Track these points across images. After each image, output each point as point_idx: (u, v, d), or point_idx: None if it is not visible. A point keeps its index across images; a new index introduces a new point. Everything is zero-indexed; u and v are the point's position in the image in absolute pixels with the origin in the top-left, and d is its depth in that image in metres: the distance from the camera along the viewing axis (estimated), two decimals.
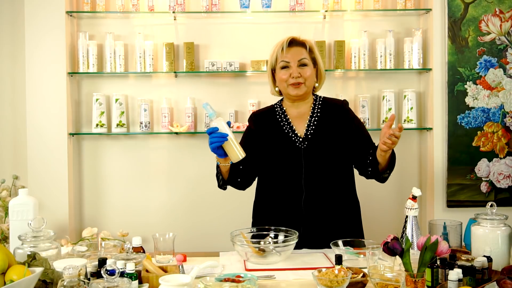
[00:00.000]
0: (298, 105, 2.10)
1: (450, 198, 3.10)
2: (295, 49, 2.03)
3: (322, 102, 2.12)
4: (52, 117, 3.02)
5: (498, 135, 3.09)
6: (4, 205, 2.72)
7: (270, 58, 2.08)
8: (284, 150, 2.02)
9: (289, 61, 2.01)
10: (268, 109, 2.17)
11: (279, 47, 2.04)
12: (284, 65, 2.02)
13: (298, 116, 2.09)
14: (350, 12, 3.14)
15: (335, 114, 2.08)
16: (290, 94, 2.04)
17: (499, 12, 3.06)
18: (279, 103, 2.16)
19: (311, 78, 2.05)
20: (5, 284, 1.33)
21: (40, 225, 1.62)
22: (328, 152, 2.01)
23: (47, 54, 3.01)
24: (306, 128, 2.05)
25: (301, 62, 2.01)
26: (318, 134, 2.03)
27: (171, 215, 3.19)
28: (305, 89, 2.03)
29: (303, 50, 2.04)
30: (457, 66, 3.06)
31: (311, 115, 2.08)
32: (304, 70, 2.01)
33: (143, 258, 1.54)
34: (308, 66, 2.03)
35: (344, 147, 2.04)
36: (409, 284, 1.41)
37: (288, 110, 2.11)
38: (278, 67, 2.04)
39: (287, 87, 2.03)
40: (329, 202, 2.01)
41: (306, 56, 2.03)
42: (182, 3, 3.05)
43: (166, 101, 3.10)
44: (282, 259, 1.75)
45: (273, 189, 2.05)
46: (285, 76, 2.01)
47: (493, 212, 1.69)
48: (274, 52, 2.05)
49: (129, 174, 3.20)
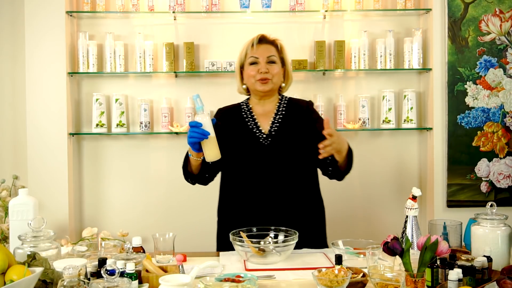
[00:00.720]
0: (264, 102, 2.13)
1: (450, 198, 3.10)
2: (265, 46, 2.07)
3: (288, 101, 2.16)
4: (52, 117, 3.02)
5: (498, 135, 3.09)
6: (4, 205, 2.73)
7: (240, 55, 2.11)
8: (248, 146, 2.04)
9: (258, 57, 2.05)
10: (234, 106, 2.19)
11: (249, 44, 2.08)
12: (253, 61, 2.05)
13: (263, 113, 2.12)
14: (350, 12, 3.14)
15: (300, 113, 2.12)
16: (257, 89, 2.06)
17: (499, 12, 3.06)
18: (246, 101, 2.19)
19: (278, 76, 2.08)
20: (5, 284, 1.33)
21: (40, 225, 1.62)
22: (291, 149, 2.03)
23: (47, 54, 3.01)
24: (271, 125, 2.08)
25: (269, 59, 2.05)
26: (282, 131, 2.06)
27: (171, 215, 3.19)
28: (272, 85, 2.06)
29: (272, 48, 2.09)
30: (457, 66, 3.06)
31: (275, 112, 2.11)
32: (272, 67, 2.05)
33: (143, 258, 1.53)
34: (276, 64, 2.07)
35: (306, 146, 2.05)
36: (409, 284, 1.41)
37: (254, 107, 2.14)
38: (246, 63, 2.07)
39: (254, 82, 2.05)
40: (292, 199, 2.02)
41: (275, 54, 2.08)
42: (182, 3, 3.05)
43: (166, 101, 3.10)
44: (282, 259, 1.74)
45: (237, 185, 2.05)
46: (253, 72, 2.05)
47: (493, 212, 1.69)
48: (244, 48, 2.09)
49: (129, 174, 3.20)
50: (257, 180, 2.01)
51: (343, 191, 3.23)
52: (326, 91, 3.20)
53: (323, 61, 3.09)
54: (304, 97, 3.14)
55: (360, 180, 3.25)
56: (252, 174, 2.01)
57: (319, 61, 3.09)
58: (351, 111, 3.19)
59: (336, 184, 3.34)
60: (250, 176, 2.02)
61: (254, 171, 2.01)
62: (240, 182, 2.05)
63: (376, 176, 3.24)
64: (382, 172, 3.24)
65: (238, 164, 2.04)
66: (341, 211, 3.23)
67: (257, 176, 2.01)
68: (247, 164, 2.02)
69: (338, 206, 3.23)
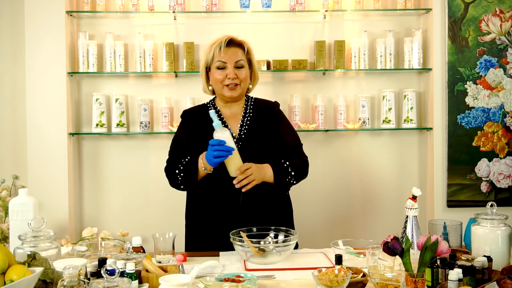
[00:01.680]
0: (231, 105, 2.12)
1: (450, 198, 3.10)
2: (233, 50, 2.04)
3: (254, 102, 2.15)
4: (52, 117, 3.02)
5: (498, 135, 3.09)
6: (4, 205, 2.73)
7: (206, 57, 2.07)
8: None
9: (226, 62, 2.02)
10: (200, 107, 2.17)
11: (216, 46, 2.03)
12: (220, 65, 2.03)
13: (231, 116, 2.11)
14: (350, 12, 3.14)
15: (266, 114, 2.11)
16: (225, 95, 2.05)
17: (499, 12, 3.06)
18: (212, 102, 2.17)
19: (246, 80, 2.07)
20: (5, 284, 1.33)
21: (40, 225, 1.62)
22: (261, 151, 2.02)
23: (47, 54, 3.01)
24: (240, 128, 2.07)
25: (237, 63, 2.03)
26: (251, 134, 2.05)
27: (171, 215, 3.19)
28: (240, 90, 2.05)
29: (240, 51, 2.06)
30: (457, 66, 3.06)
31: (243, 115, 2.10)
32: (240, 71, 2.03)
33: (143, 258, 1.53)
34: (244, 67, 2.05)
35: (275, 146, 2.06)
36: (409, 284, 1.41)
37: (222, 109, 2.12)
38: (213, 67, 2.04)
39: (222, 87, 2.04)
40: (264, 200, 2.01)
41: (242, 57, 2.05)
42: (182, 3, 3.05)
43: (166, 101, 3.10)
44: (282, 259, 1.75)
45: (208, 189, 2.02)
46: (220, 77, 2.02)
47: (493, 212, 1.69)
48: (211, 51, 2.05)
49: (129, 174, 3.20)
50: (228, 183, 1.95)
51: (343, 191, 3.23)
52: (326, 91, 3.20)
53: (323, 61, 3.09)
54: (304, 97, 3.18)
55: (360, 180, 3.26)
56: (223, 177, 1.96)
57: (319, 61, 3.09)
58: (351, 111, 3.19)
59: (336, 184, 3.35)
60: (221, 179, 1.97)
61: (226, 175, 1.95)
62: (211, 186, 2.01)
63: (376, 176, 3.24)
64: (382, 172, 3.24)
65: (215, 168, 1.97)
66: (341, 211, 3.23)
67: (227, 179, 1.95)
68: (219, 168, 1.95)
69: (338, 206, 3.24)
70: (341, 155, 3.23)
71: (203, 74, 2.12)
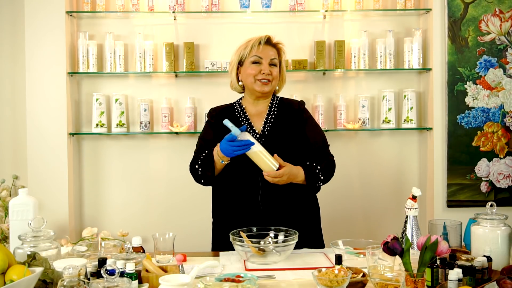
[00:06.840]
0: (258, 103, 2.13)
1: (450, 198, 3.10)
2: (269, 48, 2.08)
3: (280, 101, 2.17)
4: (52, 117, 3.02)
5: (498, 135, 3.09)
6: (4, 205, 2.73)
7: (241, 52, 2.09)
8: None
9: (262, 57, 2.05)
10: (227, 106, 2.20)
11: (255, 42, 2.07)
12: (256, 60, 2.05)
13: (256, 113, 2.13)
14: (350, 12, 3.14)
15: (291, 113, 2.13)
16: (256, 90, 2.06)
17: (499, 12, 3.06)
18: (238, 101, 2.19)
19: (277, 79, 2.10)
20: (5, 284, 1.33)
21: (40, 225, 1.62)
22: (284, 148, 2.03)
23: (47, 54, 3.01)
24: (263, 125, 2.08)
25: (272, 61, 2.07)
26: (275, 131, 2.07)
27: (171, 215, 3.20)
28: (271, 87, 2.08)
29: (274, 50, 2.10)
30: (457, 66, 3.06)
31: (268, 113, 2.11)
32: (274, 69, 2.07)
33: (143, 258, 1.54)
34: (277, 67, 2.09)
35: (299, 144, 2.07)
36: (409, 284, 1.41)
37: (247, 107, 2.14)
38: (248, 61, 2.07)
39: (254, 82, 2.05)
40: (286, 199, 2.02)
41: (276, 57, 2.09)
42: (182, 3, 3.05)
43: (166, 101, 3.10)
44: (282, 259, 1.75)
45: (231, 185, 2.05)
46: (254, 71, 2.05)
47: (493, 212, 1.69)
48: (249, 46, 2.07)
49: (129, 174, 3.20)
50: (251, 180, 2.00)
51: (343, 191, 3.23)
52: (326, 91, 3.20)
53: (323, 61, 3.09)
54: (304, 97, 3.18)
55: (360, 180, 3.26)
56: (246, 174, 2.00)
57: (319, 61, 3.09)
58: (351, 111, 3.19)
59: (336, 184, 3.35)
60: (244, 177, 2.01)
61: (248, 171, 1.99)
62: (234, 182, 2.04)
63: (376, 176, 3.25)
64: (382, 172, 3.24)
65: (232, 165, 2.02)
66: (341, 211, 3.23)
67: (250, 176, 1.99)
68: (241, 164, 2.00)
69: (338, 206, 3.23)
70: (341, 155, 3.22)
71: (233, 69, 2.14)
